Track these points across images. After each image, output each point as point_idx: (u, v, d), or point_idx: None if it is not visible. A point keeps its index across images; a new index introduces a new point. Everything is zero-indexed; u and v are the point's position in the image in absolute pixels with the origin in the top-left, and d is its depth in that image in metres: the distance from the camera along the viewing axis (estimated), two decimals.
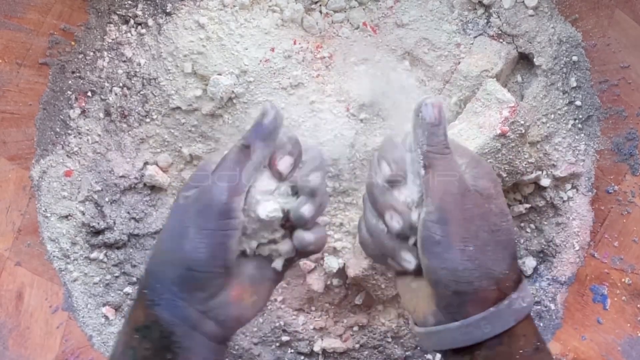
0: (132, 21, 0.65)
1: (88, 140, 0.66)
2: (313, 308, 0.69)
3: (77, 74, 0.66)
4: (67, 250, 0.66)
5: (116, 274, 0.68)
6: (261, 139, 0.44)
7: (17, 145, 0.65)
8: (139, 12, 0.65)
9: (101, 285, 0.68)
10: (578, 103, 0.66)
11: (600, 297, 0.68)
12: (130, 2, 0.65)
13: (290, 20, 0.63)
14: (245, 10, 0.62)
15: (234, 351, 0.69)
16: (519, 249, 0.69)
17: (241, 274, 0.46)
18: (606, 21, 0.64)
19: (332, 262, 0.64)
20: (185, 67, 0.62)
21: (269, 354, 0.70)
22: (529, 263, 0.69)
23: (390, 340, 0.70)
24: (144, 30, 0.65)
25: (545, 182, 0.66)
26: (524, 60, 0.66)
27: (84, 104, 0.66)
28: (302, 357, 0.70)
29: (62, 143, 0.66)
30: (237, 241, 0.44)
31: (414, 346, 0.70)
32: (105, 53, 0.65)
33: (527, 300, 0.44)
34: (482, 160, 0.47)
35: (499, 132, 0.57)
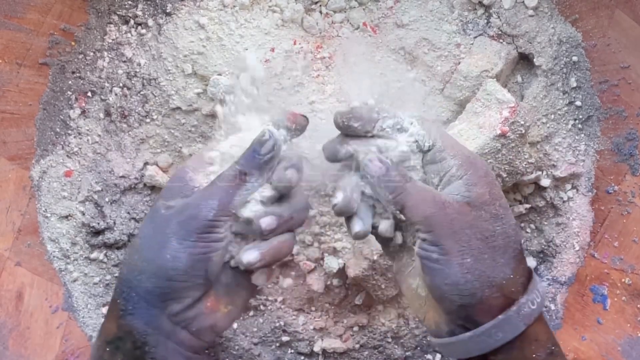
0: (132, 21, 0.65)
1: (88, 140, 0.66)
2: (313, 308, 0.69)
3: (77, 74, 0.66)
4: (67, 250, 0.66)
5: (116, 274, 0.68)
6: (257, 168, 0.44)
7: (17, 145, 0.65)
8: (139, 12, 0.65)
9: (101, 285, 0.68)
10: (578, 103, 0.66)
11: (600, 297, 0.68)
12: (130, 2, 0.65)
13: (290, 21, 0.63)
14: (245, 11, 0.62)
15: (234, 351, 0.69)
16: None
17: (217, 283, 0.45)
18: (606, 21, 0.64)
19: (332, 262, 0.64)
20: (185, 67, 0.62)
21: (269, 354, 0.70)
22: (529, 263, 0.69)
23: (390, 340, 0.70)
24: (144, 31, 0.65)
25: (545, 182, 0.66)
26: (524, 61, 0.66)
27: (84, 104, 0.66)
28: (302, 357, 0.70)
29: (62, 143, 0.66)
30: (220, 257, 0.44)
31: (414, 346, 0.70)
32: (105, 53, 0.65)
33: (536, 301, 0.43)
34: (477, 161, 0.46)
35: (499, 132, 0.57)
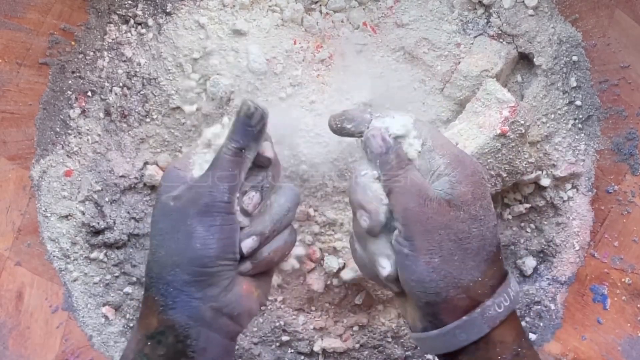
0: (132, 21, 0.65)
1: (88, 140, 0.66)
2: (313, 308, 0.69)
3: (77, 74, 0.66)
4: (67, 250, 0.66)
5: (116, 274, 0.68)
6: (253, 140, 0.45)
7: (17, 145, 0.65)
8: (139, 12, 0.65)
9: (101, 285, 0.68)
10: (578, 103, 0.66)
11: (600, 297, 0.68)
12: (130, 2, 0.65)
13: (290, 20, 0.63)
14: (245, 10, 0.62)
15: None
16: (519, 249, 0.69)
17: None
18: (606, 21, 0.64)
19: (332, 262, 0.64)
20: (185, 67, 0.62)
21: (269, 354, 0.70)
22: (529, 263, 0.69)
23: (390, 340, 0.70)
24: (144, 30, 0.65)
25: (545, 182, 0.66)
26: (524, 60, 0.66)
27: (84, 104, 0.66)
28: (302, 357, 0.70)
29: (62, 143, 0.66)
30: (238, 236, 0.46)
31: (414, 346, 0.70)
32: (105, 53, 0.65)
33: (504, 305, 0.43)
34: (465, 160, 0.46)
35: (499, 132, 0.57)
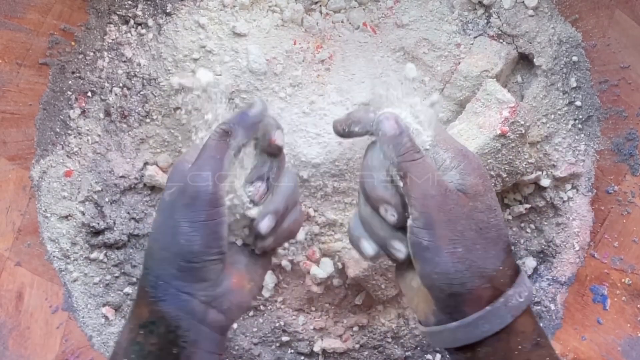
0: (132, 21, 0.65)
1: (88, 140, 0.66)
2: (313, 308, 0.69)
3: (77, 74, 0.66)
4: (67, 250, 0.66)
5: (116, 274, 0.68)
6: (243, 127, 0.45)
7: (17, 145, 0.65)
8: (139, 12, 0.65)
9: (101, 286, 0.68)
10: (578, 103, 0.66)
11: (600, 297, 0.68)
12: (130, 2, 0.65)
13: (290, 21, 0.63)
14: (245, 11, 0.62)
15: (234, 351, 0.69)
16: (519, 249, 0.69)
17: (237, 262, 0.48)
18: (606, 21, 0.64)
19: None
20: (185, 67, 0.62)
21: (269, 354, 0.70)
22: (529, 263, 0.69)
23: (390, 340, 0.70)
24: (144, 31, 0.65)
25: (545, 182, 0.66)
26: (524, 61, 0.66)
27: (84, 104, 0.66)
28: (302, 357, 0.70)
29: (62, 143, 0.66)
30: (226, 226, 0.45)
31: (414, 346, 0.70)
32: (105, 53, 0.65)
33: (524, 294, 0.44)
34: (469, 153, 0.46)
35: (499, 132, 0.57)
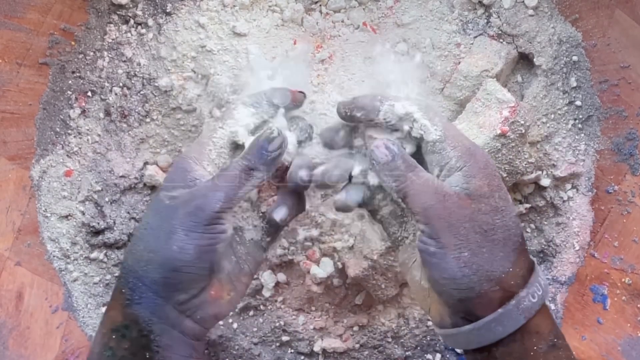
0: (132, 21, 0.65)
1: (88, 140, 0.66)
2: (313, 308, 0.69)
3: (77, 74, 0.66)
4: (67, 250, 0.66)
5: (116, 274, 0.68)
6: (264, 164, 0.46)
7: (17, 145, 0.65)
8: (139, 12, 0.65)
9: (101, 285, 0.68)
10: (578, 103, 0.66)
11: (600, 297, 0.68)
12: (130, 2, 0.65)
13: (290, 20, 0.63)
14: (245, 11, 0.62)
15: (234, 351, 0.69)
16: None
17: (220, 270, 0.47)
18: (606, 21, 0.64)
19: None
20: (185, 67, 0.62)
21: (269, 354, 0.70)
22: None
23: (390, 340, 0.70)
24: (144, 30, 0.65)
25: (545, 182, 0.66)
26: (524, 60, 0.66)
27: (84, 104, 0.66)
28: (302, 357, 0.70)
29: (62, 143, 0.66)
30: (223, 248, 0.45)
31: (414, 346, 0.70)
32: (105, 53, 0.65)
33: (537, 294, 0.43)
34: (477, 151, 0.45)
35: (499, 132, 0.57)
